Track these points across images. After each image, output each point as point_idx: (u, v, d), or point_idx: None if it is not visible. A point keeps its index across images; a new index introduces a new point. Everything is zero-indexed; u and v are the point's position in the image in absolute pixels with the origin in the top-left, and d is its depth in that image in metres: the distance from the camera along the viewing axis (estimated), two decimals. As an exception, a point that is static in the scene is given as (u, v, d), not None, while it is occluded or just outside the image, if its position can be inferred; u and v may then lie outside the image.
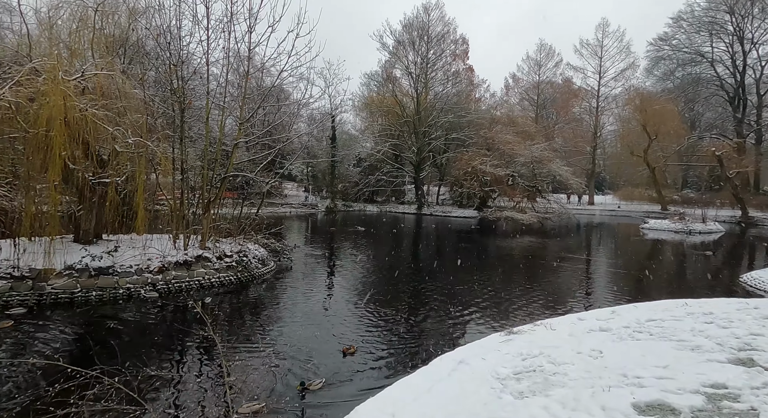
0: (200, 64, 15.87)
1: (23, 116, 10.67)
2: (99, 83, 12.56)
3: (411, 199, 52.56)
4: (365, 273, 15.99)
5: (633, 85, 59.70)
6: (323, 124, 44.22)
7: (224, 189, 16.63)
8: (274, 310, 11.23)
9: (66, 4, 13.74)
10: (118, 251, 12.87)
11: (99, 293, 11.35)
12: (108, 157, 13.20)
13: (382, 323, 9.87)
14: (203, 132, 19.62)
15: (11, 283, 10.81)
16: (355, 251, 21.32)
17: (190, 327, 9.58)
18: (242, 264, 14.29)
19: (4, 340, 8.36)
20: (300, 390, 5.96)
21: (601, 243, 28.83)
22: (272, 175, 26.57)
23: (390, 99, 50.71)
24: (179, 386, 6.49)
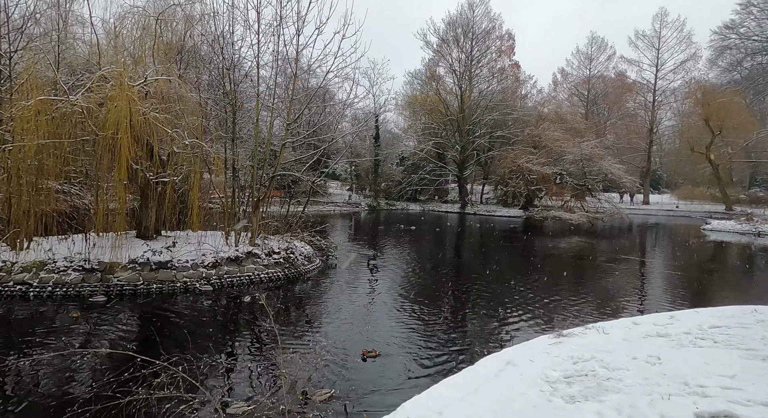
0: (251, 67, 16.48)
1: (93, 120, 11.54)
2: (159, 88, 13.36)
3: (454, 198, 52.02)
4: (409, 272, 16.02)
5: (694, 77, 55.97)
6: (367, 124, 44.63)
7: (272, 188, 17.19)
8: (319, 307, 11.49)
9: (130, 15, 14.68)
10: (176, 246, 13.63)
11: (159, 286, 12.07)
12: (167, 157, 14.00)
13: (425, 323, 9.87)
14: (253, 133, 20.38)
15: (83, 275, 11.71)
16: (399, 249, 21.39)
17: (242, 320, 10.00)
18: (289, 261, 14.73)
19: (75, 329, 9.07)
20: (302, 399, 5.69)
21: (656, 244, 27.30)
22: (317, 174, 27.16)
23: (433, 97, 50.39)
24: (236, 376, 6.81)
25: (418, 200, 51.52)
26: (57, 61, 13.17)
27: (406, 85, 58.59)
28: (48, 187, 12.46)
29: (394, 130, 59.59)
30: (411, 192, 51.06)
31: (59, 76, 11.95)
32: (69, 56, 14.78)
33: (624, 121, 59.54)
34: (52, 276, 11.51)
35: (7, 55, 14.54)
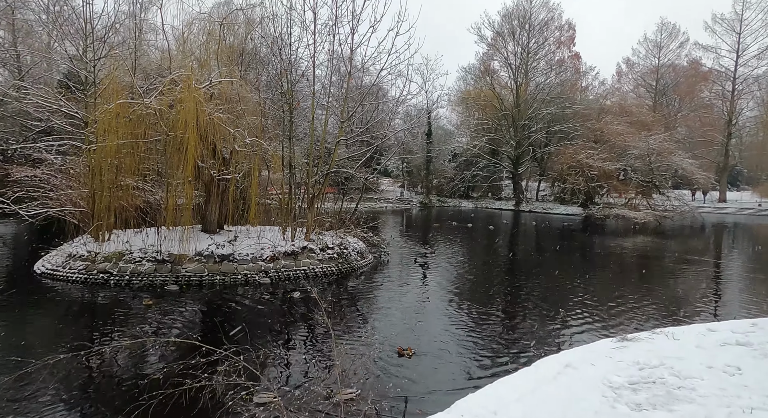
0: (307, 67, 16.94)
1: (165, 121, 12.38)
2: (222, 89, 14.08)
3: (508, 195, 50.67)
4: (461, 269, 15.82)
5: (782, 63, 50.54)
6: (419, 121, 44.48)
7: (327, 185, 17.61)
8: (371, 302, 11.64)
9: (197, 21, 15.56)
10: (237, 240, 14.32)
11: (222, 278, 12.76)
12: (229, 155, 14.74)
13: (477, 321, 9.72)
14: (308, 131, 20.96)
15: (155, 265, 12.62)
16: (451, 246, 21.17)
17: (298, 313, 10.35)
18: (343, 256, 15.03)
19: (148, 316, 9.79)
20: (327, 396, 5.63)
21: (735, 245, 25.07)
22: (370, 171, 27.47)
23: (487, 92, 49.29)
24: (292, 367, 7.08)
25: (470, 197, 50.69)
26: (134, 67, 14.27)
27: (459, 81, 57.77)
28: (125, 184, 13.53)
29: (446, 126, 58.98)
30: (463, 189, 50.34)
31: (135, 81, 12.91)
32: (144, 62, 15.98)
33: (697, 112, 54.95)
34: (129, 266, 12.51)
35: (92, 63, 15.96)
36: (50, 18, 20.69)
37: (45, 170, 14.37)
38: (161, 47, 17.35)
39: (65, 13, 19.19)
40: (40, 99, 16.42)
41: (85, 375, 6.76)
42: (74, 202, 13.95)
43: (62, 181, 14.29)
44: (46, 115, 16.75)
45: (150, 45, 20.42)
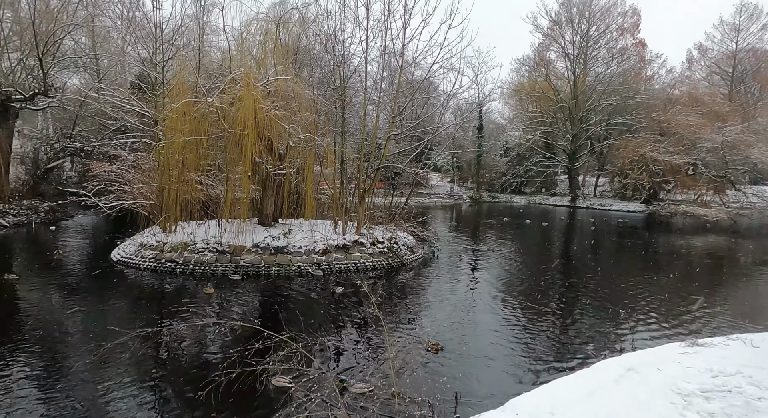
0: (359, 63, 17.11)
1: (225, 118, 12.99)
2: (278, 87, 14.54)
3: (563, 190, 48.62)
4: (514, 266, 15.43)
5: None
6: (470, 115, 43.61)
7: (377, 179, 17.75)
8: (421, 297, 11.64)
9: (255, 21, 16.15)
10: (291, 233, 14.80)
11: (277, 269, 13.25)
12: (284, 151, 15.23)
13: (531, 320, 9.45)
14: (359, 126, 21.19)
15: (216, 255, 13.32)
16: (503, 243, 20.69)
17: (350, 304, 10.55)
18: (393, 250, 15.12)
19: (210, 303, 10.37)
20: (339, 387, 5.57)
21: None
22: (420, 166, 27.35)
23: (542, 84, 47.41)
24: (345, 356, 7.25)
25: (522, 193, 49.17)
26: (198, 67, 15.07)
27: (513, 73, 55.92)
28: (189, 179, 14.35)
29: (498, 120, 57.41)
30: (515, 184, 48.88)
31: (199, 80, 13.62)
32: (206, 62, 16.84)
33: (781, 101, 49.96)
34: (193, 256, 13.29)
35: (160, 65, 17.05)
36: (124, 24, 22.33)
37: (120, 166, 15.55)
38: (222, 48, 18.28)
39: (137, 19, 20.63)
40: (115, 99, 17.78)
41: (155, 354, 7.29)
42: (145, 196, 14.99)
43: (135, 175, 15.40)
44: (121, 114, 18.14)
45: (212, 46, 21.51)
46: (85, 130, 23.96)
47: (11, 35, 20.16)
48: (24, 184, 22.73)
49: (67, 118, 24.65)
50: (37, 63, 19.24)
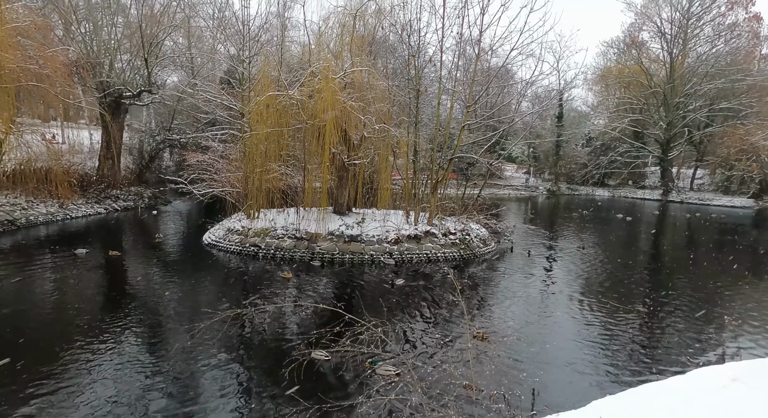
0: (434, 52, 16.93)
1: (305, 110, 13.55)
2: (354, 78, 14.85)
3: (654, 183, 44.62)
4: (595, 263, 14.52)
5: None
6: (550, 103, 41.40)
7: (450, 170, 17.55)
8: (493, 289, 11.40)
9: (333, 15, 16.58)
10: (364, 222, 15.16)
11: (350, 257, 13.67)
12: (359, 141, 15.58)
13: (617, 319, 8.87)
14: (431, 116, 21.03)
15: (295, 242, 14.05)
16: (583, 238, 19.55)
17: (423, 293, 10.63)
18: (465, 242, 14.93)
19: (288, 286, 10.97)
20: (370, 368, 5.82)
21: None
22: (494, 156, 26.58)
23: (633, 67, 43.54)
24: (426, 343, 7.34)
25: (606, 185, 45.87)
26: (280, 62, 15.85)
27: (599, 57, 51.95)
28: (270, 168, 15.21)
29: (580, 107, 53.87)
30: (598, 176, 45.69)
31: (281, 74, 14.31)
32: (287, 57, 17.64)
33: None
34: (273, 241, 14.14)
35: (247, 61, 18.19)
36: (215, 23, 24.06)
37: (210, 156, 16.88)
38: (301, 42, 19.04)
39: (227, 18, 22.12)
40: (207, 94, 19.29)
41: (241, 332, 7.91)
42: (232, 184, 16.16)
43: (223, 165, 16.65)
44: (212, 108, 19.66)
45: (292, 41, 22.47)
46: (182, 123, 26.34)
47: (122, 39, 22.58)
48: (132, 173, 25.54)
49: (166, 112, 27.22)
50: (142, 63, 21.39)
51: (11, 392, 5.53)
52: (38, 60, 15.06)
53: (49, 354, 6.57)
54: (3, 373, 6.00)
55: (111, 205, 21.21)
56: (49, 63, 15.51)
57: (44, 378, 5.88)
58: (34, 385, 5.70)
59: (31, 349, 6.80)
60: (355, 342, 4.32)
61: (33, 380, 5.80)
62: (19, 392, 5.51)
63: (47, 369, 6.11)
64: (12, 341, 7.02)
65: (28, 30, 15.24)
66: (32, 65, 14.80)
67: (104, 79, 21.23)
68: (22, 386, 5.66)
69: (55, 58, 16.10)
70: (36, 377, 5.90)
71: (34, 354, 6.60)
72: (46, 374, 5.99)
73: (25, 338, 7.19)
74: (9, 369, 6.08)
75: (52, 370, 6.11)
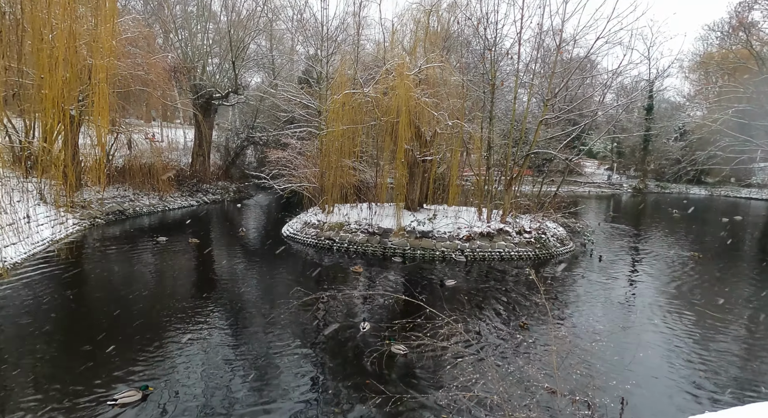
0: (511, 44, 16.37)
1: (379, 108, 13.79)
2: (427, 74, 14.81)
3: (763, 180, 39.64)
4: (686, 270, 13.24)
5: None
6: (639, 94, 38.22)
7: (525, 166, 16.91)
8: (572, 292, 10.86)
9: (408, 12, 16.66)
10: (436, 218, 15.12)
11: (422, 253, 13.73)
12: (431, 137, 15.53)
13: (710, 331, 8.09)
14: (507, 111, 20.38)
15: (367, 236, 14.38)
16: (675, 242, 17.92)
17: (498, 291, 10.41)
18: (540, 241, 14.35)
19: (359, 280, 11.25)
20: (388, 344, 6.26)
21: None
22: (574, 152, 25.12)
23: (740, 52, 38.83)
24: (505, 342, 7.23)
25: (702, 183, 41.51)
26: (356, 60, 16.23)
27: (698, 42, 47.00)
28: (344, 164, 15.67)
29: (673, 98, 49.09)
30: (693, 173, 41.44)
31: (357, 73, 14.67)
32: (363, 55, 18.01)
33: None
34: (347, 235, 14.59)
35: (324, 60, 18.87)
36: (295, 25, 25.22)
37: (289, 153, 17.76)
38: (376, 40, 19.37)
39: (305, 19, 23.12)
40: (287, 94, 20.29)
41: (316, 322, 8.27)
42: (309, 179, 16.90)
43: (301, 161, 17.45)
44: (291, 106, 20.65)
45: (367, 39, 22.91)
46: (263, 121, 27.98)
47: (213, 44, 24.44)
48: (219, 168, 27.63)
49: (250, 111, 29.04)
50: (230, 66, 22.99)
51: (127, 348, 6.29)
52: (144, 66, 16.78)
53: (146, 335, 7.39)
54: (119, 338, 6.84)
55: (202, 198, 23.14)
56: (152, 69, 17.21)
57: (142, 352, 6.64)
58: (139, 354, 6.46)
59: (130, 326, 7.68)
60: (434, 336, 4.37)
61: (137, 351, 6.57)
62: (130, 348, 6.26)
63: (143, 347, 6.88)
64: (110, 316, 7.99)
65: (137, 40, 17.04)
66: (140, 71, 16.54)
67: (197, 82, 23.12)
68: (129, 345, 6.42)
69: (157, 64, 17.83)
70: (137, 350, 6.68)
71: (133, 332, 7.46)
72: (143, 350, 6.75)
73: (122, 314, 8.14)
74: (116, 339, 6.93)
75: (146, 349, 6.87)
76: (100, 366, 6.10)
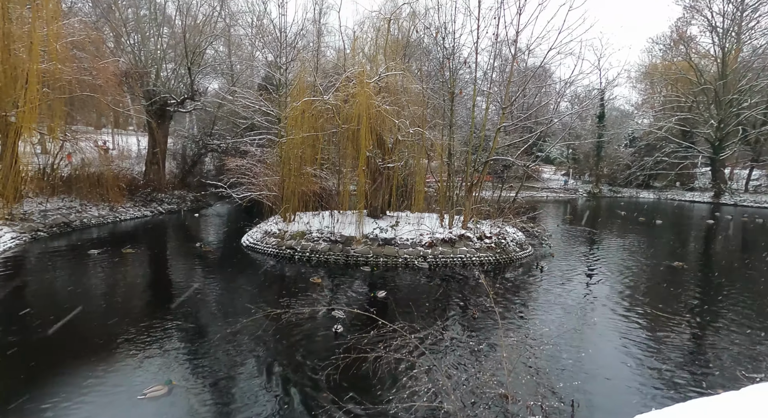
0: (469, 54, 16.74)
1: (339, 115, 13.72)
2: (388, 82, 14.89)
3: (704, 184, 42.27)
4: (637, 271, 13.87)
5: None
6: (590, 102, 40.05)
7: (485, 173, 17.27)
8: (529, 296, 11.09)
9: (368, 20, 16.77)
10: (398, 225, 15.15)
11: (384, 260, 13.68)
12: (393, 145, 15.60)
13: (661, 330, 8.43)
14: (466, 119, 20.79)
15: (329, 245, 14.19)
16: (626, 244, 18.74)
17: (456, 298, 10.50)
18: (500, 246, 14.63)
19: (320, 290, 11.04)
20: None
21: None
22: (531, 158, 25.94)
23: (681, 64, 41.46)
24: (458, 351, 7.23)
25: (651, 187, 43.88)
26: (316, 67, 16.14)
27: (644, 54, 50.13)
28: (306, 172, 15.46)
29: (623, 107, 51.81)
30: (642, 178, 43.80)
31: (317, 80, 14.56)
32: (323, 62, 17.94)
33: None
34: (309, 244, 14.34)
35: (284, 67, 18.64)
36: (254, 31, 24.83)
37: (249, 160, 17.37)
38: (337, 47, 19.37)
39: (265, 26, 22.80)
40: (246, 100, 19.89)
41: (277, 335, 8.03)
42: (269, 188, 16.55)
43: (261, 169, 17.08)
44: (250, 113, 20.27)
45: (327, 46, 22.86)
46: (222, 128, 27.30)
47: (167, 49, 23.67)
48: (175, 177, 26.67)
49: (208, 118, 28.27)
50: (186, 71, 22.32)
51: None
52: (92, 71, 16.00)
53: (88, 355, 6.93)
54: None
55: (156, 208, 22.21)
56: (101, 74, 16.44)
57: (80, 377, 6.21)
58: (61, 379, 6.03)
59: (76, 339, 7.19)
60: (389, 348, 4.31)
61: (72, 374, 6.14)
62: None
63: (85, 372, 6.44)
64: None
65: (83, 43, 16.23)
66: (86, 76, 15.75)
67: (151, 88, 22.29)
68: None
69: (107, 68, 17.06)
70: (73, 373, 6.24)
71: (84, 346, 6.98)
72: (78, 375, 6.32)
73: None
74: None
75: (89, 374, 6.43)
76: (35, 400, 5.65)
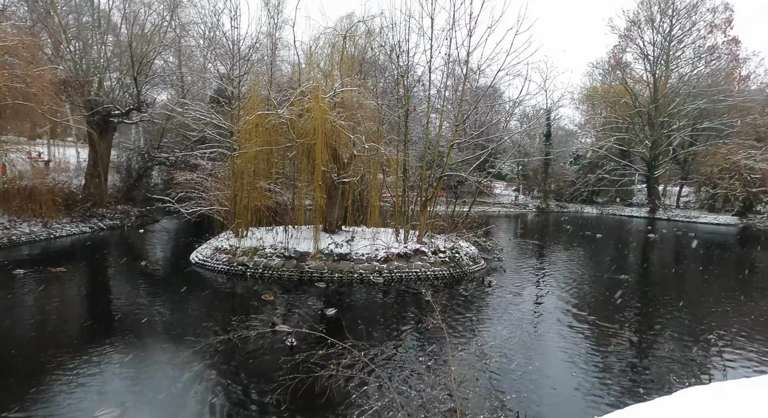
0: (423, 72, 17.17)
1: (294, 129, 13.57)
2: (343, 98, 14.95)
3: (641, 200, 45.24)
4: (583, 284, 14.52)
5: None
6: (538, 121, 42.12)
7: (440, 188, 17.60)
8: (482, 309, 11.30)
9: (323, 35, 16.82)
10: (354, 240, 15.06)
11: (340, 275, 13.51)
12: (348, 160, 15.59)
13: (603, 340, 8.82)
14: (421, 135, 21.20)
15: (283, 261, 13.86)
16: (572, 257, 19.60)
17: (411, 314, 10.50)
18: (455, 260, 14.87)
19: (271, 310, 10.71)
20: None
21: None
22: (484, 174, 26.77)
23: (618, 88, 44.64)
24: (408, 367, 7.19)
25: (594, 203, 46.43)
26: (270, 81, 15.96)
27: (585, 77, 53.44)
28: (260, 187, 15.11)
29: (568, 126, 54.86)
30: (586, 193, 46.31)
31: (271, 93, 14.37)
32: (278, 76, 17.78)
33: None
34: (262, 260, 13.94)
35: (237, 80, 18.28)
36: (206, 43, 24.29)
37: (199, 174, 16.76)
38: (292, 61, 19.28)
39: (217, 38, 22.34)
40: (197, 113, 19.28)
41: (227, 358, 7.67)
42: (220, 202, 16.01)
43: (212, 183, 16.52)
44: (201, 126, 19.65)
45: (283, 60, 22.71)
46: (171, 141, 26.25)
47: (112, 57, 22.62)
48: (119, 191, 25.23)
49: (156, 130, 27.12)
50: (132, 81, 21.38)
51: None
52: (25, 79, 14.97)
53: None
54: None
55: (97, 224, 20.86)
56: (36, 82, 15.40)
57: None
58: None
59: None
60: (339, 365, 4.21)
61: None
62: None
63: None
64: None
65: (16, 49, 15.18)
66: (19, 84, 14.70)
67: (93, 98, 21.14)
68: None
69: (43, 76, 16.02)
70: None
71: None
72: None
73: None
74: None
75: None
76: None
